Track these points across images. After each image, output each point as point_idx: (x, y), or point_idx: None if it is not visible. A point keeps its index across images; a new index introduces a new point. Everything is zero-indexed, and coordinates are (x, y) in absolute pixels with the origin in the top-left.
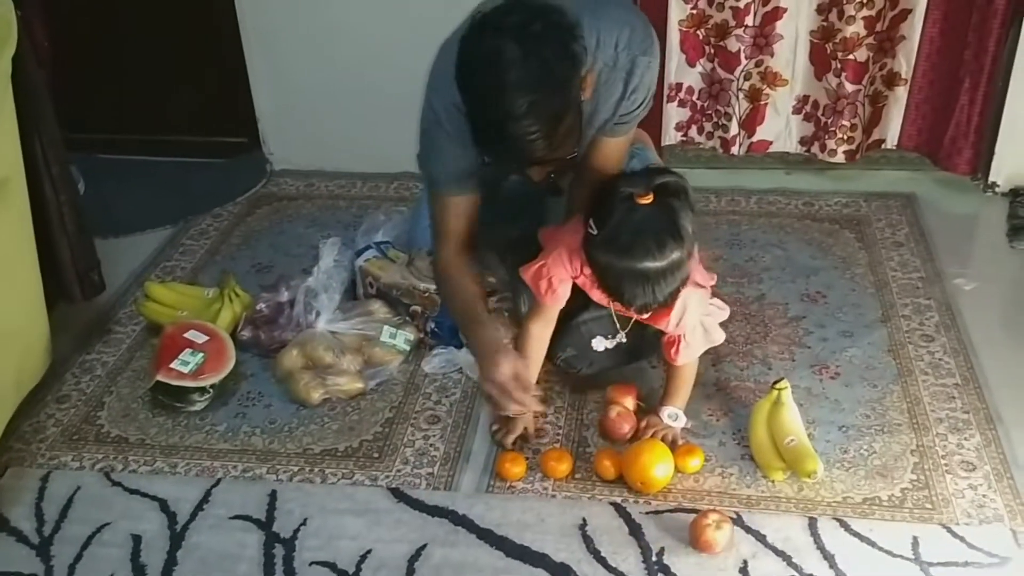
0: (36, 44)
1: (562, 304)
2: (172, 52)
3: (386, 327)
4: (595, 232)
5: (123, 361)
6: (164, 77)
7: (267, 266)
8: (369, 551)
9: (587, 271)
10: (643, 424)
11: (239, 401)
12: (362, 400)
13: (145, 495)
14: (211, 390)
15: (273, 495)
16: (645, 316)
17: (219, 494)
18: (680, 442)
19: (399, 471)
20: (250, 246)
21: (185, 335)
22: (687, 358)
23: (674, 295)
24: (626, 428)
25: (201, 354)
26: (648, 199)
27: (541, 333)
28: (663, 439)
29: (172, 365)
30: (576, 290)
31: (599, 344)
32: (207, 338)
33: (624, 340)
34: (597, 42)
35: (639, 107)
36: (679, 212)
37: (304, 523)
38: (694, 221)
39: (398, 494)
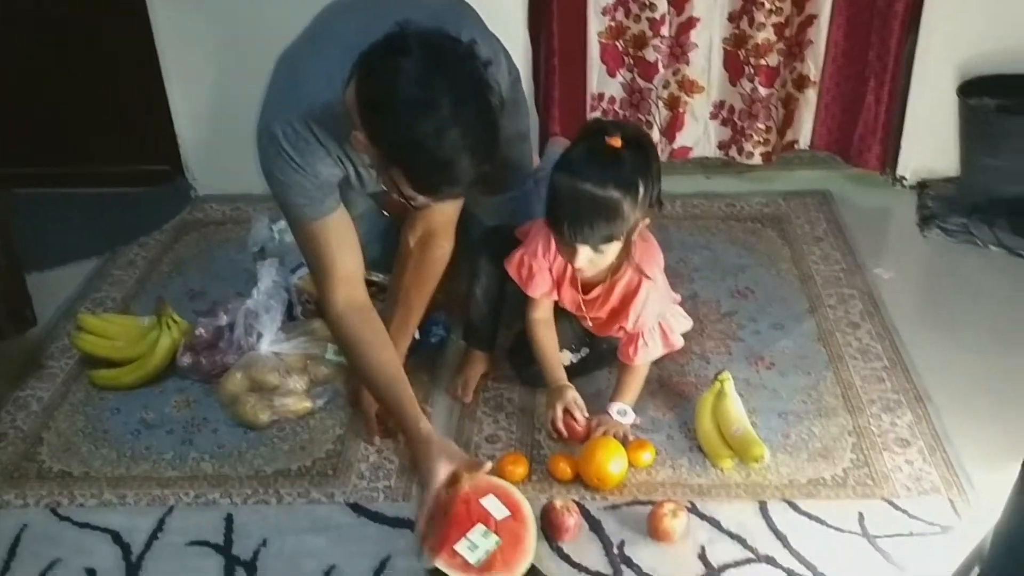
0: None
1: (545, 293)
2: (89, 81)
3: (330, 345)
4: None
5: (59, 396)
6: (81, 107)
7: (200, 292)
8: (333, 567)
9: (558, 257)
10: (594, 423)
11: (184, 428)
12: (311, 419)
13: (96, 528)
14: None
15: (229, 519)
16: (602, 317)
17: (173, 521)
18: (631, 438)
19: (356, 486)
20: (181, 273)
21: (483, 502)
22: (643, 359)
23: (606, 239)
24: (579, 429)
25: (495, 538)
26: (616, 143)
27: (543, 316)
28: (615, 436)
29: (457, 547)
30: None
31: (565, 358)
32: (508, 513)
33: (586, 353)
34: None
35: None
36: (636, 169)
37: (264, 544)
38: (653, 193)
39: (357, 509)
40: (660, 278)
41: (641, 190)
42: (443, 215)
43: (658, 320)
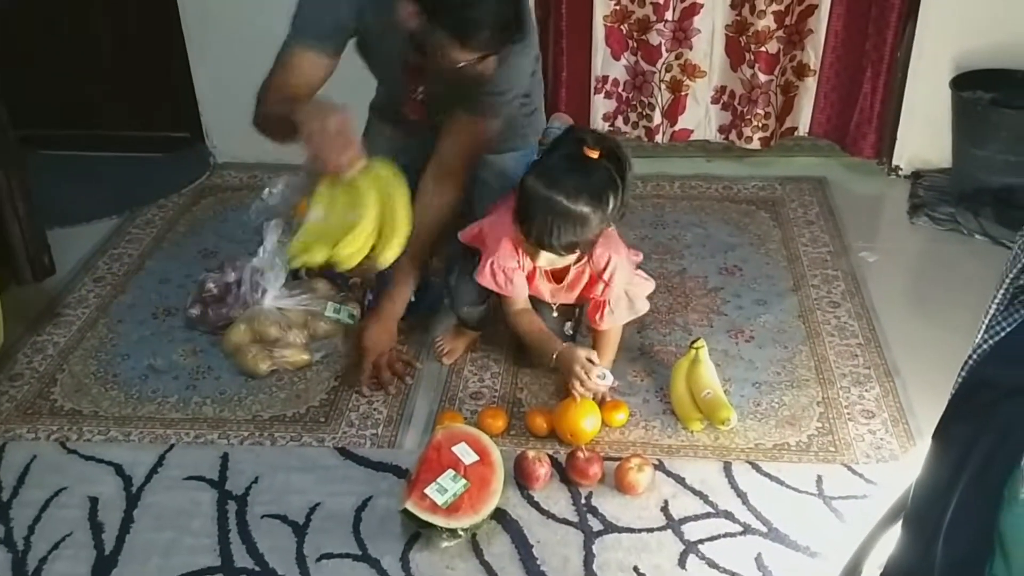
0: None
1: (524, 294)
2: (113, 47)
3: (330, 303)
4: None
5: (74, 341)
6: (104, 72)
7: (212, 252)
8: (318, 504)
9: (529, 259)
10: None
11: (189, 375)
12: (308, 371)
13: (100, 461)
14: (462, 535)
15: (225, 457)
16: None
17: (173, 458)
18: (608, 399)
19: (345, 433)
20: (196, 233)
21: (454, 449)
22: (609, 324)
23: (569, 247)
24: (595, 468)
25: (463, 482)
26: (594, 154)
27: (522, 305)
28: (592, 397)
29: (427, 491)
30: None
31: (569, 329)
32: (476, 458)
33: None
34: None
35: (499, 94)
36: (609, 183)
37: (255, 481)
38: (621, 205)
39: (345, 453)
40: (624, 251)
41: (610, 204)
42: (452, 155)
43: (624, 290)
